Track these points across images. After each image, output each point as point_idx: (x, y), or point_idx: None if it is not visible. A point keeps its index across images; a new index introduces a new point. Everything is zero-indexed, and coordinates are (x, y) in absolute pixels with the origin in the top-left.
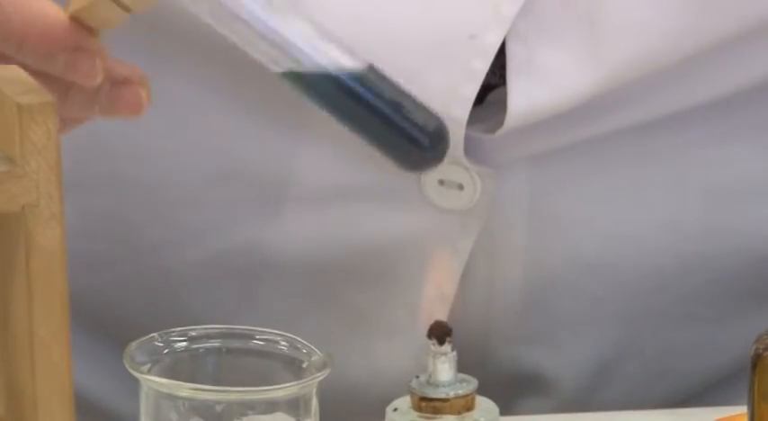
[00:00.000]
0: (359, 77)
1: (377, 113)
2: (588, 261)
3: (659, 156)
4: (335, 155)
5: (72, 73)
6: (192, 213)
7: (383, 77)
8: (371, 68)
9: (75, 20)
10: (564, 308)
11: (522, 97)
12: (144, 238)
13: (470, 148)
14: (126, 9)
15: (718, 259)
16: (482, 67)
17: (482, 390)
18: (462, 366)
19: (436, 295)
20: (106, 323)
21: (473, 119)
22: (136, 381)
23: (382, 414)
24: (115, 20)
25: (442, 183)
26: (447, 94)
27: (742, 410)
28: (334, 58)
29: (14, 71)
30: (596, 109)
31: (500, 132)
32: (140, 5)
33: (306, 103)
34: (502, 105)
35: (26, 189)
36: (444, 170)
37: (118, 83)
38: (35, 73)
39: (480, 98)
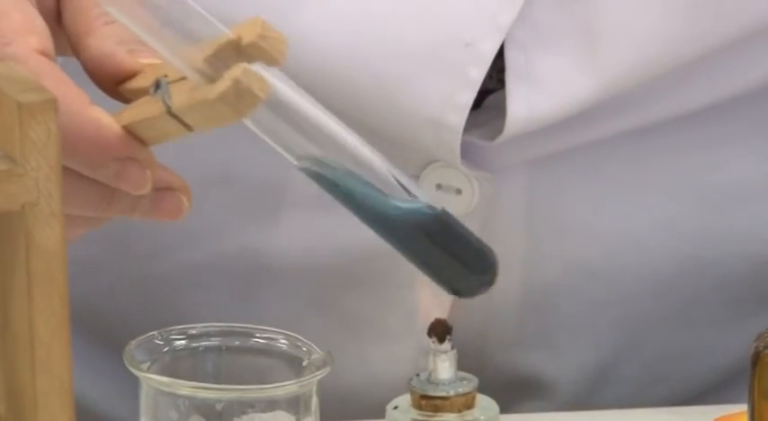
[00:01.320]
0: (436, 219)
1: (448, 253)
2: (586, 264)
3: (657, 159)
4: None
5: (121, 182)
6: (189, 218)
7: (449, 217)
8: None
9: (129, 130)
10: (562, 311)
11: (521, 105)
12: (141, 242)
13: (468, 153)
14: (187, 128)
15: (715, 262)
16: (478, 74)
17: (480, 393)
18: (460, 369)
19: (434, 299)
20: (103, 327)
21: (471, 123)
22: (134, 385)
23: (379, 416)
24: (173, 135)
25: (439, 187)
26: (443, 101)
27: (741, 409)
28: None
29: (14, 69)
30: (595, 114)
31: (499, 140)
32: (203, 125)
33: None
34: (500, 110)
35: (26, 188)
36: (442, 175)
37: (161, 189)
38: (82, 177)
39: (478, 102)
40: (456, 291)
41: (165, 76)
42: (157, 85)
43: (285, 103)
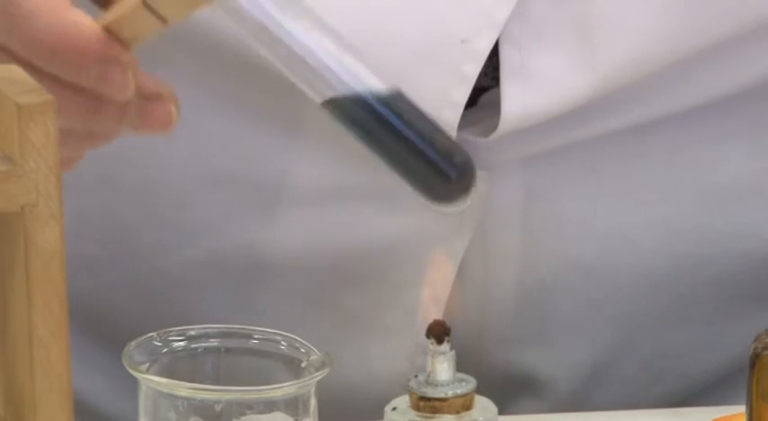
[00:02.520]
0: (387, 101)
1: (405, 140)
2: (582, 262)
3: (653, 157)
4: (330, 156)
5: (104, 86)
6: (187, 215)
7: (410, 103)
8: (399, 93)
9: (109, 31)
10: (558, 309)
11: (515, 101)
12: (139, 240)
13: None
14: (162, 20)
15: (712, 260)
16: (473, 71)
17: (477, 391)
18: (456, 367)
19: (430, 297)
20: (102, 325)
21: (466, 121)
22: (133, 383)
23: (377, 415)
24: (149, 32)
25: None
26: (438, 97)
27: (740, 410)
28: (363, 79)
29: (14, 71)
30: (590, 111)
31: (494, 136)
32: (177, 16)
33: (301, 104)
34: (495, 107)
35: (25, 189)
36: None
37: (148, 98)
38: (65, 85)
39: (473, 100)
40: (431, 196)
41: None
42: None
43: None
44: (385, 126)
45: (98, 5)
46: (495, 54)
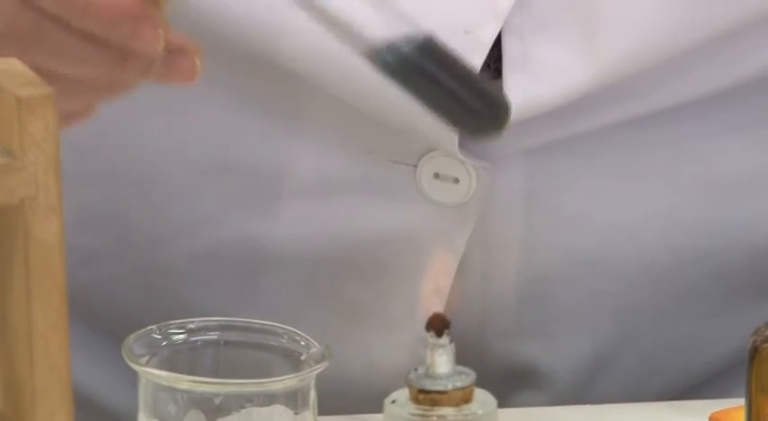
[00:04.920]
0: (422, 47)
1: (441, 85)
2: (584, 254)
3: (654, 149)
4: (331, 148)
5: (134, 42)
6: (188, 207)
7: (441, 47)
8: (431, 38)
9: None
10: (559, 301)
11: (518, 92)
12: (139, 232)
13: (466, 142)
14: None
15: (712, 252)
16: (477, 61)
17: (477, 384)
18: (457, 360)
19: (432, 289)
20: (102, 317)
21: None
22: (134, 375)
23: (379, 407)
24: None
25: (437, 176)
26: None
27: (739, 403)
28: (394, 26)
29: (13, 64)
30: (592, 103)
31: None
32: None
33: (302, 96)
34: None
35: (25, 182)
36: (440, 163)
37: (175, 51)
38: (94, 40)
39: None
40: (465, 130)
41: None
42: None
43: None
44: (421, 72)
45: None
46: (497, 45)
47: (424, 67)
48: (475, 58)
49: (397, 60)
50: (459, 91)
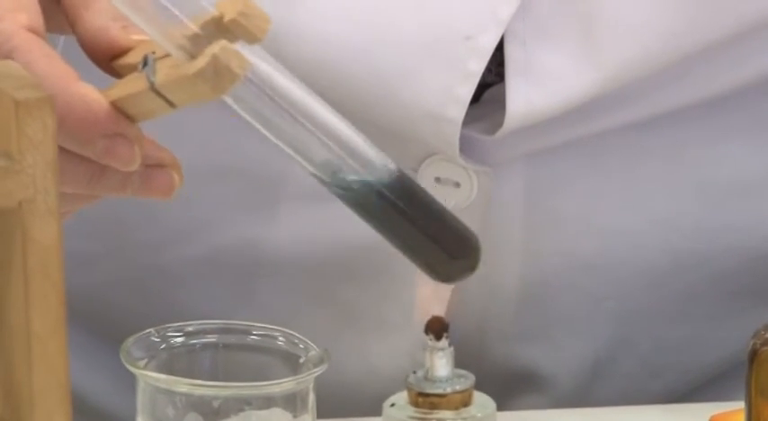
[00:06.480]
0: (391, 187)
1: (411, 225)
2: (584, 258)
3: (655, 153)
4: None
5: (110, 159)
6: (187, 211)
7: (412, 186)
8: (402, 176)
9: (116, 106)
10: (560, 305)
11: (520, 99)
12: (138, 236)
13: (467, 147)
14: (171, 105)
15: (712, 256)
16: (478, 68)
17: (478, 387)
18: (458, 363)
19: (432, 293)
20: (101, 321)
21: (470, 116)
22: (132, 379)
23: (377, 411)
24: (157, 112)
25: (438, 180)
26: (442, 94)
27: (739, 406)
28: (368, 162)
29: (11, 66)
30: (594, 109)
31: (499, 134)
32: (185, 102)
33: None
34: (499, 103)
35: (23, 184)
36: (440, 168)
37: (151, 166)
38: (70, 155)
39: (477, 95)
40: (437, 275)
41: (154, 52)
42: (145, 62)
43: (267, 81)
44: (390, 212)
45: (108, 72)
46: (498, 49)
47: (395, 209)
48: (475, 65)
49: (368, 200)
50: (433, 234)
